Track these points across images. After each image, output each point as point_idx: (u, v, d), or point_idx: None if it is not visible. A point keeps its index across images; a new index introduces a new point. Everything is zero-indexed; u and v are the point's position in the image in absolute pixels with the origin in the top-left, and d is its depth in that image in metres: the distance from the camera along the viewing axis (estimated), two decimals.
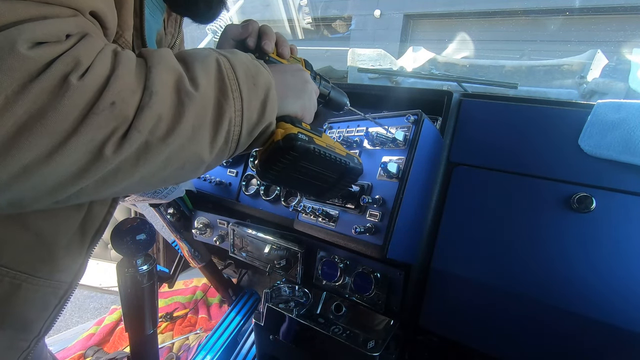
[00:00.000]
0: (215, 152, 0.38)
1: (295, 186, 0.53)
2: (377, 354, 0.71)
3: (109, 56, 0.31)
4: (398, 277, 0.74)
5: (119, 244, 0.76)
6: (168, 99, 0.32)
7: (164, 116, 0.32)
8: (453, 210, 0.74)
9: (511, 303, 0.66)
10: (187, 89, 0.33)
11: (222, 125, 0.36)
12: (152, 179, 0.35)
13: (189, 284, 1.90)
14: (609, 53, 1.29)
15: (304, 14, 2.40)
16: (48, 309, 0.50)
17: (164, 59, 0.34)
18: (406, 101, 0.95)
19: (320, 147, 0.46)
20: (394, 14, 4.15)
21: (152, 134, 0.31)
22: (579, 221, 0.63)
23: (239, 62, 0.39)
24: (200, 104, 0.34)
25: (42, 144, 0.26)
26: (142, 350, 0.88)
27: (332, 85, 0.65)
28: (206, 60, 0.37)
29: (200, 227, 1.18)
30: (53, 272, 0.47)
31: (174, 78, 0.33)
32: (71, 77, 0.27)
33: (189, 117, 0.33)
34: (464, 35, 2.36)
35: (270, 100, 0.41)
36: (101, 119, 0.28)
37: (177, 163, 0.35)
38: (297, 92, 0.50)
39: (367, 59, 1.52)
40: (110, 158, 0.29)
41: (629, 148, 0.62)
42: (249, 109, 0.39)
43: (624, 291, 0.58)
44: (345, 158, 0.50)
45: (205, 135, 0.36)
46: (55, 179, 0.28)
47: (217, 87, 0.36)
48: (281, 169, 0.46)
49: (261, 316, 0.87)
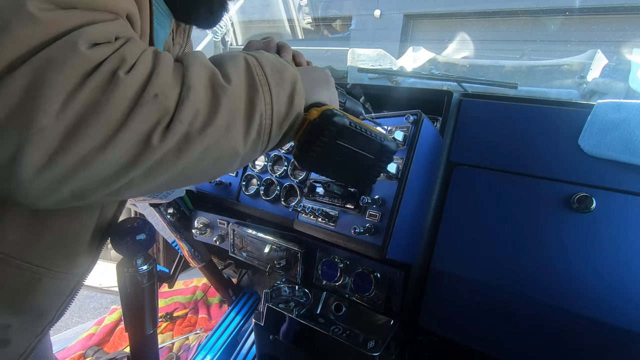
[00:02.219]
0: (249, 145, 0.40)
1: (333, 171, 0.53)
2: (377, 354, 0.71)
3: (151, 56, 0.34)
4: (398, 277, 0.74)
5: (119, 244, 0.76)
6: (204, 93, 0.35)
7: (201, 109, 0.34)
8: (453, 210, 0.74)
9: (511, 303, 0.66)
10: (220, 83, 0.36)
11: (254, 119, 0.39)
12: (192, 170, 0.37)
13: (189, 284, 1.90)
14: (609, 53, 1.29)
15: (304, 14, 2.40)
16: (61, 299, 0.54)
17: (198, 58, 0.37)
18: (406, 101, 0.95)
19: (356, 123, 0.48)
20: (394, 14, 4.15)
21: (191, 125, 0.33)
22: (579, 221, 0.63)
23: (265, 60, 0.42)
24: (233, 97, 0.37)
25: (97, 134, 0.29)
26: (142, 350, 0.88)
27: (347, 96, 0.67)
28: (235, 59, 0.40)
29: (200, 227, 1.18)
30: (70, 266, 0.51)
31: (208, 74, 0.36)
32: (119, 72, 0.30)
33: (224, 111, 0.36)
34: (464, 35, 2.36)
35: (298, 92, 0.44)
36: (146, 110, 0.31)
37: (214, 155, 0.37)
38: (324, 84, 0.53)
39: (367, 59, 1.52)
40: (157, 147, 0.32)
41: (629, 148, 0.62)
42: (278, 101, 0.41)
43: (624, 291, 0.58)
44: (380, 134, 0.51)
45: (239, 128, 0.38)
46: (110, 168, 0.31)
47: (247, 82, 0.39)
48: (320, 149, 0.47)
49: (261, 316, 0.87)
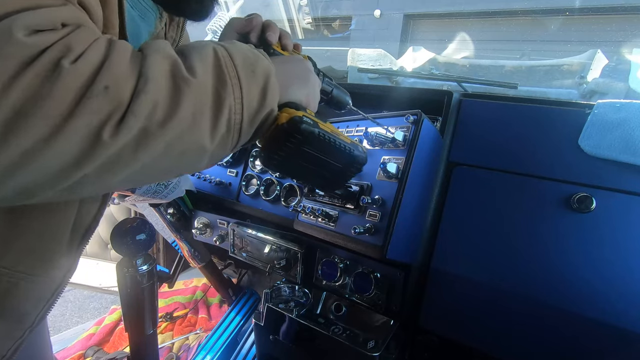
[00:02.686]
0: (217, 141, 0.38)
1: (299, 175, 0.53)
2: (377, 354, 0.71)
3: (103, 44, 0.31)
4: (398, 277, 0.74)
5: (119, 244, 0.76)
6: (164, 85, 0.32)
7: (161, 102, 0.32)
8: (453, 210, 0.74)
9: (511, 303, 0.66)
10: (183, 75, 0.34)
11: (222, 113, 0.37)
12: (153, 167, 0.35)
13: (189, 284, 1.90)
14: (609, 53, 1.29)
15: (304, 14, 2.40)
16: (42, 302, 0.52)
17: (160, 47, 0.34)
18: (406, 101, 0.95)
19: (325, 132, 0.46)
20: (394, 14, 4.15)
21: (149, 119, 0.31)
22: (579, 221, 0.63)
23: (236, 51, 0.40)
24: (198, 90, 0.34)
25: (39, 128, 0.27)
26: (142, 350, 0.88)
27: (335, 83, 0.65)
28: (203, 50, 0.37)
29: (200, 227, 1.18)
30: (48, 269, 0.49)
31: (169, 65, 0.34)
32: (63, 62, 0.28)
33: (187, 104, 0.33)
34: (464, 35, 2.36)
35: (271, 87, 0.41)
36: (96, 103, 0.28)
37: (178, 150, 0.35)
38: (301, 80, 0.50)
39: (367, 59, 1.52)
40: (109, 142, 0.30)
41: (629, 148, 0.62)
42: (249, 96, 0.39)
43: (624, 291, 0.58)
44: (350, 145, 0.50)
45: (205, 122, 0.36)
46: (56, 164, 0.29)
47: (214, 74, 0.37)
48: (286, 154, 0.45)
49: (261, 316, 0.87)
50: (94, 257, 1.98)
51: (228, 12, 2.01)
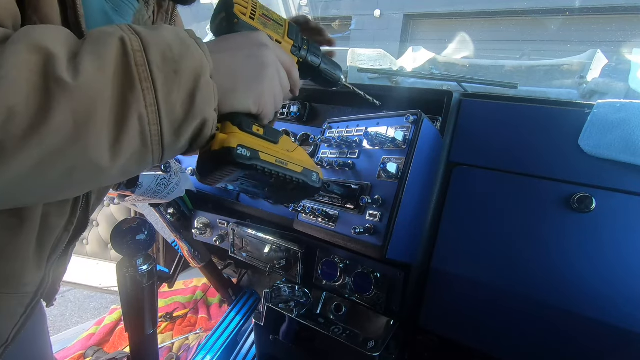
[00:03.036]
0: (124, 158, 0.31)
1: (244, 191, 0.47)
2: (377, 354, 0.71)
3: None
4: (398, 277, 0.74)
5: (119, 244, 0.76)
6: (25, 87, 0.25)
7: (20, 109, 0.25)
8: (453, 210, 0.74)
9: (511, 303, 0.66)
10: (57, 75, 0.26)
11: (127, 125, 0.29)
12: (25, 186, 0.28)
13: (189, 284, 1.90)
14: (609, 53, 1.29)
15: (304, 14, 2.40)
16: (14, 318, 0.48)
17: (32, 36, 0.26)
18: (406, 101, 0.95)
19: (265, 165, 0.38)
20: (394, 14, 4.15)
21: (4, 130, 0.24)
22: (579, 221, 0.63)
23: (155, 42, 0.31)
24: (80, 95, 0.27)
25: None
26: (142, 350, 0.88)
27: (323, 55, 0.55)
28: (104, 40, 0.29)
29: (200, 227, 1.18)
30: (16, 285, 0.45)
31: (39, 61, 0.26)
32: None
33: (62, 112, 0.26)
34: (464, 35, 2.36)
35: (202, 90, 0.33)
36: None
37: (60, 168, 0.28)
38: (252, 80, 0.39)
39: (367, 59, 1.52)
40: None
41: (629, 148, 0.62)
42: (169, 102, 0.31)
43: (624, 291, 0.58)
44: (298, 175, 0.42)
45: (99, 135, 0.28)
46: None
47: (117, 75, 0.29)
48: (221, 177, 0.40)
49: (261, 316, 0.87)
50: (94, 257, 1.98)
51: None
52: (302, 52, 0.52)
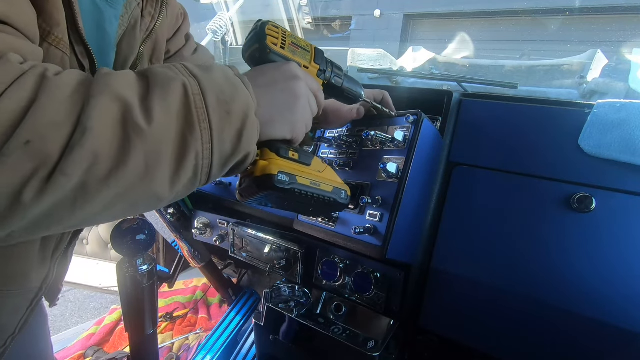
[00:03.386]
0: (179, 187, 0.33)
1: (279, 207, 0.52)
2: (377, 354, 0.71)
3: (31, 83, 0.26)
4: (398, 277, 0.74)
5: (119, 244, 0.76)
6: (109, 134, 0.27)
7: (104, 155, 0.27)
8: (453, 210, 0.74)
9: (511, 303, 0.66)
10: (135, 123, 0.29)
11: (186, 160, 0.32)
12: (97, 218, 0.31)
13: (189, 284, 1.90)
14: (609, 53, 1.29)
15: (304, 14, 2.40)
16: (20, 312, 0.50)
17: (111, 86, 0.29)
18: (406, 101, 0.95)
19: (301, 188, 0.43)
20: (394, 14, 4.15)
21: (89, 174, 0.27)
22: (579, 221, 0.63)
23: (210, 85, 0.34)
24: (154, 139, 0.30)
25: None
26: (142, 350, 0.88)
27: (345, 74, 0.59)
28: (170, 86, 0.32)
29: (200, 227, 1.18)
30: (22, 283, 0.47)
31: (118, 111, 0.28)
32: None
33: (138, 156, 0.29)
34: (464, 35, 2.36)
35: (248, 128, 0.36)
36: (13, 161, 0.24)
37: (127, 202, 0.31)
38: (287, 112, 0.43)
39: (367, 59, 1.52)
40: (30, 204, 0.25)
41: (629, 148, 0.62)
42: (221, 140, 0.34)
43: (625, 291, 0.58)
44: (330, 194, 0.47)
45: (163, 172, 0.31)
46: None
47: (180, 117, 0.32)
48: (261, 198, 0.44)
49: (261, 316, 0.87)
50: (94, 257, 1.98)
51: (228, 12, 2.01)
52: (327, 75, 0.55)
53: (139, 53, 0.56)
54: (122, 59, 0.53)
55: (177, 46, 0.74)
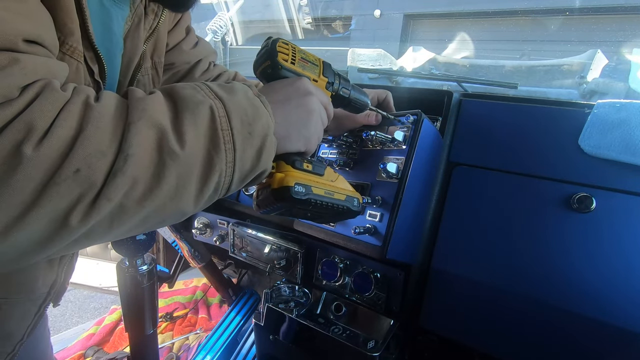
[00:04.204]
0: (201, 204, 0.35)
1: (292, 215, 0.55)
2: (377, 354, 0.71)
3: (76, 112, 0.26)
4: (398, 277, 0.74)
5: (119, 244, 0.76)
6: (147, 160, 0.29)
7: (141, 179, 0.29)
8: (453, 210, 0.74)
9: (511, 303, 0.66)
10: (170, 148, 0.30)
11: (210, 180, 0.33)
12: (127, 234, 0.33)
13: (189, 284, 1.90)
14: (609, 53, 1.29)
15: (304, 14, 2.40)
16: (28, 318, 0.51)
17: (147, 111, 0.30)
18: (406, 101, 0.95)
19: (317, 198, 0.45)
20: (394, 14, 4.15)
21: (126, 197, 0.28)
22: (579, 221, 0.63)
23: (235, 107, 0.35)
24: (186, 162, 0.31)
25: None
26: (142, 350, 0.88)
27: (352, 85, 0.61)
28: (198, 110, 0.33)
29: (200, 227, 1.18)
30: (30, 289, 0.48)
31: (156, 136, 0.30)
32: (24, 148, 0.23)
33: (171, 178, 0.30)
34: (464, 35, 2.36)
35: (267, 148, 0.38)
36: (63, 189, 0.25)
37: (156, 220, 0.32)
38: (302, 127, 0.45)
39: (367, 59, 1.52)
40: (77, 227, 0.26)
41: (629, 148, 0.62)
42: (242, 159, 0.35)
43: (625, 291, 0.58)
44: (344, 203, 0.48)
45: (190, 191, 0.33)
46: (15, 252, 0.26)
47: (207, 139, 0.33)
48: (277, 209, 0.46)
49: (261, 316, 0.87)
50: (94, 257, 1.98)
51: (228, 12, 2.01)
52: (335, 86, 0.57)
53: (142, 52, 0.56)
54: (126, 59, 0.53)
55: (176, 39, 0.72)
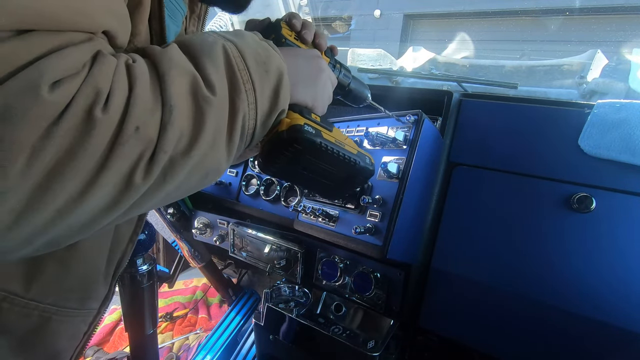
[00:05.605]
0: (233, 152, 0.35)
1: (299, 182, 0.50)
2: (377, 354, 0.71)
3: (124, 73, 0.27)
4: (398, 277, 0.74)
5: None
6: (187, 110, 0.29)
7: (185, 129, 0.29)
8: (453, 210, 0.74)
9: (511, 303, 0.66)
10: (204, 94, 0.30)
11: (236, 123, 0.33)
12: (176, 192, 0.33)
13: (189, 284, 1.90)
14: (609, 53, 1.29)
15: (304, 14, 2.40)
16: (77, 338, 0.49)
17: (174, 61, 0.30)
18: (406, 101, 0.95)
19: (327, 143, 0.43)
20: (394, 14, 4.15)
21: (175, 149, 0.29)
22: (579, 221, 0.63)
23: (247, 48, 0.35)
24: (219, 107, 0.31)
25: (73, 185, 0.25)
26: (142, 350, 0.88)
27: (353, 76, 0.60)
28: (213, 52, 0.32)
29: (200, 227, 1.18)
30: (82, 300, 0.46)
31: (189, 83, 0.30)
32: (95, 111, 0.25)
33: (210, 126, 0.30)
34: (464, 35, 2.36)
35: (284, 85, 0.37)
36: (127, 148, 0.26)
37: (200, 173, 0.32)
38: (310, 80, 0.45)
39: (367, 59, 1.52)
40: (141, 185, 0.28)
41: (629, 148, 0.62)
42: (262, 98, 0.35)
43: (624, 291, 0.58)
44: (355, 157, 0.47)
45: (222, 138, 0.32)
46: (88, 216, 0.27)
47: (228, 81, 0.32)
48: (284, 162, 0.43)
49: (261, 316, 0.87)
50: None
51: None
52: (336, 72, 0.56)
53: None
54: None
55: None
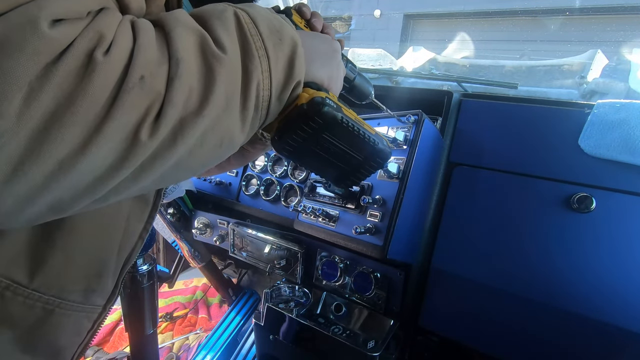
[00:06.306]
0: (247, 123, 0.34)
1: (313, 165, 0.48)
2: (377, 354, 0.71)
3: (128, 26, 0.27)
4: (398, 277, 0.74)
5: None
6: (195, 65, 0.28)
7: (195, 85, 0.28)
8: (453, 210, 0.74)
9: (511, 303, 0.66)
10: (214, 51, 0.29)
11: (250, 90, 0.32)
12: (188, 161, 0.31)
13: (189, 284, 1.90)
14: (609, 53, 1.29)
15: None
16: (81, 335, 0.47)
17: (181, 20, 0.29)
18: (406, 101, 0.95)
19: (349, 119, 0.41)
20: (394, 14, 4.15)
21: (185, 107, 0.28)
22: (579, 221, 0.63)
23: (259, 15, 0.34)
24: (230, 67, 0.30)
25: (75, 134, 0.23)
26: (142, 350, 0.88)
27: (358, 71, 0.59)
28: (223, 16, 0.32)
29: (200, 227, 1.18)
30: (86, 294, 0.44)
31: (196, 40, 0.29)
32: (96, 54, 0.24)
33: (221, 84, 0.29)
34: (464, 35, 2.36)
35: (299, 55, 0.36)
36: (133, 97, 0.25)
37: (214, 139, 0.31)
38: (326, 58, 0.45)
39: (367, 59, 1.52)
40: (148, 142, 0.26)
41: (629, 148, 0.62)
42: (277, 67, 0.34)
43: (624, 291, 0.58)
44: (374, 136, 0.45)
45: (236, 104, 0.31)
46: (93, 173, 0.26)
47: (240, 46, 0.32)
48: (302, 139, 0.41)
49: (261, 316, 0.87)
50: None
51: None
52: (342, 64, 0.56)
53: None
54: None
55: None
